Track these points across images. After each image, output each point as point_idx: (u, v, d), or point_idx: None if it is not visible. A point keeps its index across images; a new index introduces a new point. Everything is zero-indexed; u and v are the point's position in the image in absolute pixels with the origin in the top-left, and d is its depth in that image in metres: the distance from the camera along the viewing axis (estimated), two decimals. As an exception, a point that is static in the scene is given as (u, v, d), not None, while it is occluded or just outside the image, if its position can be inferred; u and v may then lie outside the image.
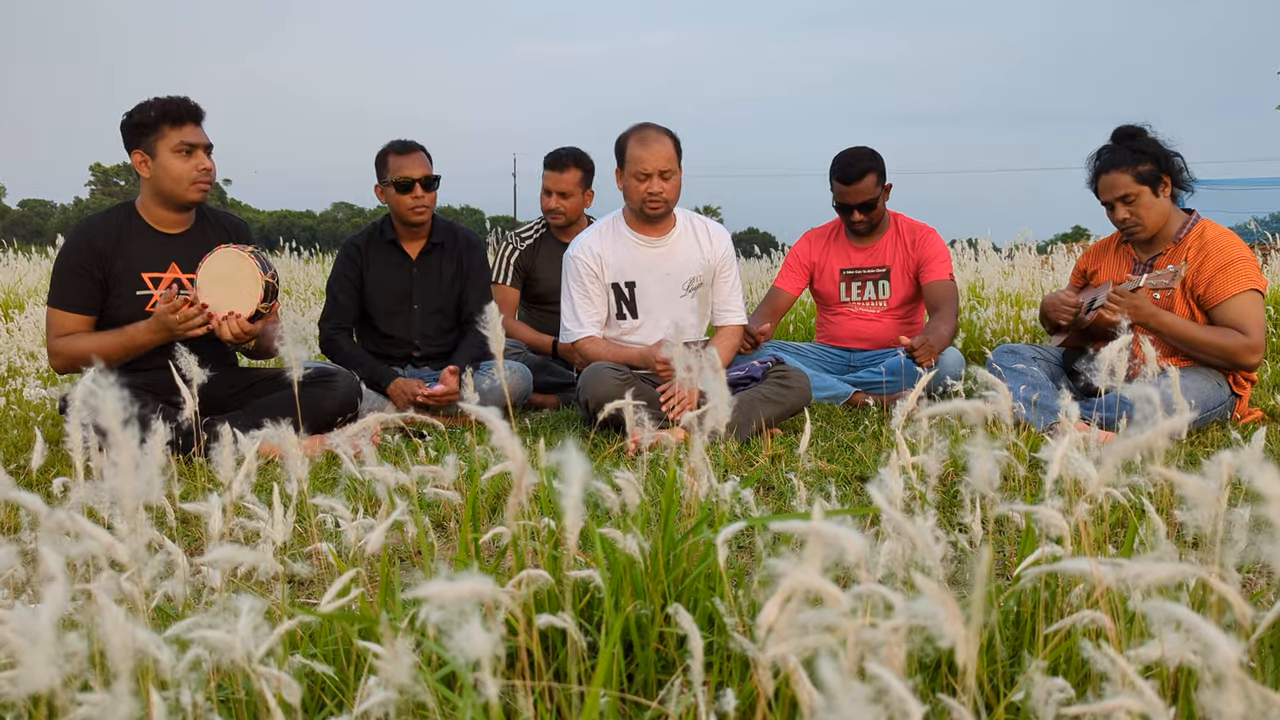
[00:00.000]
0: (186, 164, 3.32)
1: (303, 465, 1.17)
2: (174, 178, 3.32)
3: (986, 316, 5.90)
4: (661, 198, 3.70)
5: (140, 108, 3.33)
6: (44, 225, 71.78)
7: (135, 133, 3.32)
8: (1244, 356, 3.45)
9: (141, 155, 3.32)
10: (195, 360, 1.50)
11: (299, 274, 10.44)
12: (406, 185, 4.02)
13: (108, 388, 0.87)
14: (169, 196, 3.37)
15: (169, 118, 3.30)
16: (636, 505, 1.23)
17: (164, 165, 3.31)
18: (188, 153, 3.32)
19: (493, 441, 0.96)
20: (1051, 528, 0.84)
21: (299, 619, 0.95)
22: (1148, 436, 0.66)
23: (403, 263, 4.18)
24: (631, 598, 1.20)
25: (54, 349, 3.34)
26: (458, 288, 4.22)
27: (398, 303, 4.17)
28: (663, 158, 3.67)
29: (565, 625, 0.97)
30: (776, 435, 3.57)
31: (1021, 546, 1.09)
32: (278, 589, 1.25)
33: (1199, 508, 0.67)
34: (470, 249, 4.26)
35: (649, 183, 3.67)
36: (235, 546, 0.85)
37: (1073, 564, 0.69)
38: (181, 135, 3.31)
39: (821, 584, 0.65)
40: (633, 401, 1.60)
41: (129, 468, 0.75)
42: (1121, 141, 3.66)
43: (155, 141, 3.30)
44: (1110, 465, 0.68)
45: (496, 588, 0.55)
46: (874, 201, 4.36)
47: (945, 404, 0.90)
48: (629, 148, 3.71)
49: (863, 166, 4.31)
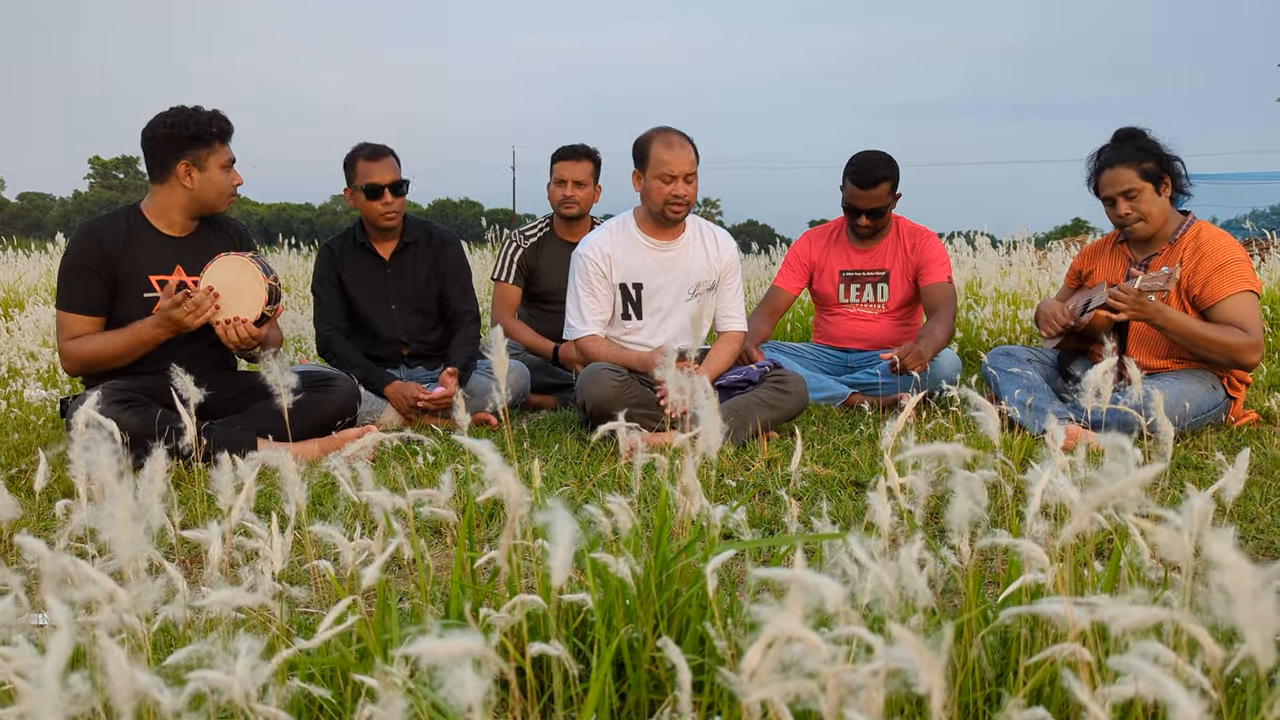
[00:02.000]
0: (227, 179, 3.44)
1: (301, 489, 1.19)
2: (218, 191, 3.43)
3: (983, 316, 5.91)
4: (684, 200, 3.74)
5: (194, 120, 3.37)
6: (43, 218, 71.73)
7: (187, 144, 3.36)
8: (1246, 354, 3.47)
9: (187, 166, 3.38)
10: (192, 380, 1.52)
11: (299, 270, 10.44)
12: (376, 191, 4.05)
13: (102, 436, 0.89)
14: (207, 207, 3.47)
15: (223, 134, 3.42)
16: (629, 529, 1.25)
17: (210, 179, 3.40)
18: (228, 168, 3.45)
19: (485, 473, 0.98)
20: (1032, 561, 0.86)
21: (297, 648, 0.97)
22: (1120, 487, 0.68)
23: (376, 265, 4.20)
24: (624, 620, 1.22)
25: (65, 352, 3.36)
26: (435, 287, 4.23)
27: (376, 304, 4.19)
28: (688, 161, 3.73)
29: (557, 653, 0.99)
30: (773, 439, 3.59)
31: (1006, 573, 1.11)
32: (278, 606, 1.27)
33: (1172, 554, 0.69)
34: (444, 247, 4.27)
35: (674, 185, 3.71)
36: (232, 588, 0.86)
37: (1049, 606, 0.72)
38: (227, 152, 3.44)
39: (802, 632, 0.67)
40: (630, 409, 1.60)
41: (126, 520, 0.77)
42: (1124, 141, 3.69)
43: (206, 155, 3.38)
44: (1083, 515, 0.70)
45: (485, 646, 0.57)
46: (884, 209, 4.39)
47: (927, 447, 0.92)
48: (653, 150, 3.74)
49: (879, 174, 4.33)
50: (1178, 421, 3.44)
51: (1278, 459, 3.10)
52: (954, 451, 0.85)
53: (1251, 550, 2.32)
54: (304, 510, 1.24)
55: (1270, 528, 2.45)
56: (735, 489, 2.88)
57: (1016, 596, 0.97)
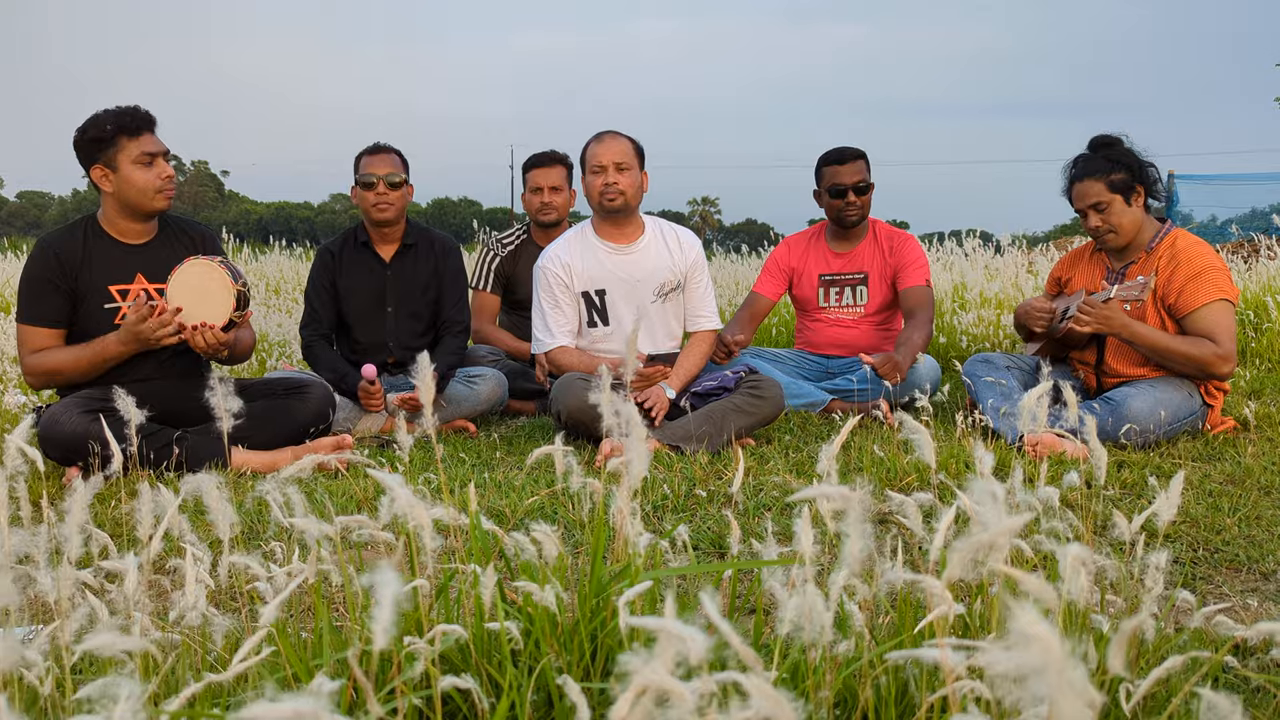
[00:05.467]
0: (149, 173, 3.31)
1: (230, 517, 1.19)
2: (139, 189, 3.30)
3: (967, 321, 5.90)
4: (617, 188, 3.75)
5: (94, 122, 3.29)
6: (42, 217, 71.70)
7: (92, 148, 3.29)
8: (1216, 366, 3.47)
9: (101, 170, 3.30)
10: (134, 401, 1.51)
11: (288, 271, 10.43)
12: (369, 183, 4.08)
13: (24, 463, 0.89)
14: (135, 207, 3.35)
15: (125, 130, 3.27)
16: (555, 558, 1.25)
17: (126, 177, 3.29)
18: (149, 162, 3.30)
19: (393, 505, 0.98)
20: (935, 598, 0.86)
21: (207, 680, 0.97)
22: (990, 536, 0.67)
23: (376, 266, 4.21)
24: (553, 649, 1.22)
25: (27, 366, 3.33)
26: (432, 293, 4.23)
27: (372, 306, 4.20)
28: (616, 151, 3.77)
29: (468, 686, 0.99)
30: (748, 445, 3.59)
31: (910, 611, 1.11)
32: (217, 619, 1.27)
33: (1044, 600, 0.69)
34: (445, 254, 4.28)
35: (604, 174, 3.75)
36: (110, 633, 0.86)
37: (926, 652, 0.72)
38: (140, 145, 3.29)
39: (669, 682, 0.67)
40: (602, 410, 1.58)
41: None
42: (1098, 150, 3.68)
43: (114, 155, 3.27)
44: (957, 565, 0.70)
45: (318, 706, 0.57)
46: (866, 186, 4.48)
47: (817, 488, 0.92)
48: (586, 149, 3.84)
49: (853, 151, 4.49)
50: (1154, 429, 3.44)
51: (1250, 468, 3.09)
52: (840, 495, 0.85)
53: (1216, 563, 2.32)
54: (236, 534, 1.23)
55: (1235, 540, 2.45)
56: (706, 499, 2.88)
57: (929, 631, 0.96)
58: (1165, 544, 2.44)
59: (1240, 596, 2.11)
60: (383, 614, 0.69)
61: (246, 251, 12.21)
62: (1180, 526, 2.57)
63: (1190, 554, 2.37)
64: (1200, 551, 2.39)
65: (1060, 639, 0.52)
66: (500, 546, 1.33)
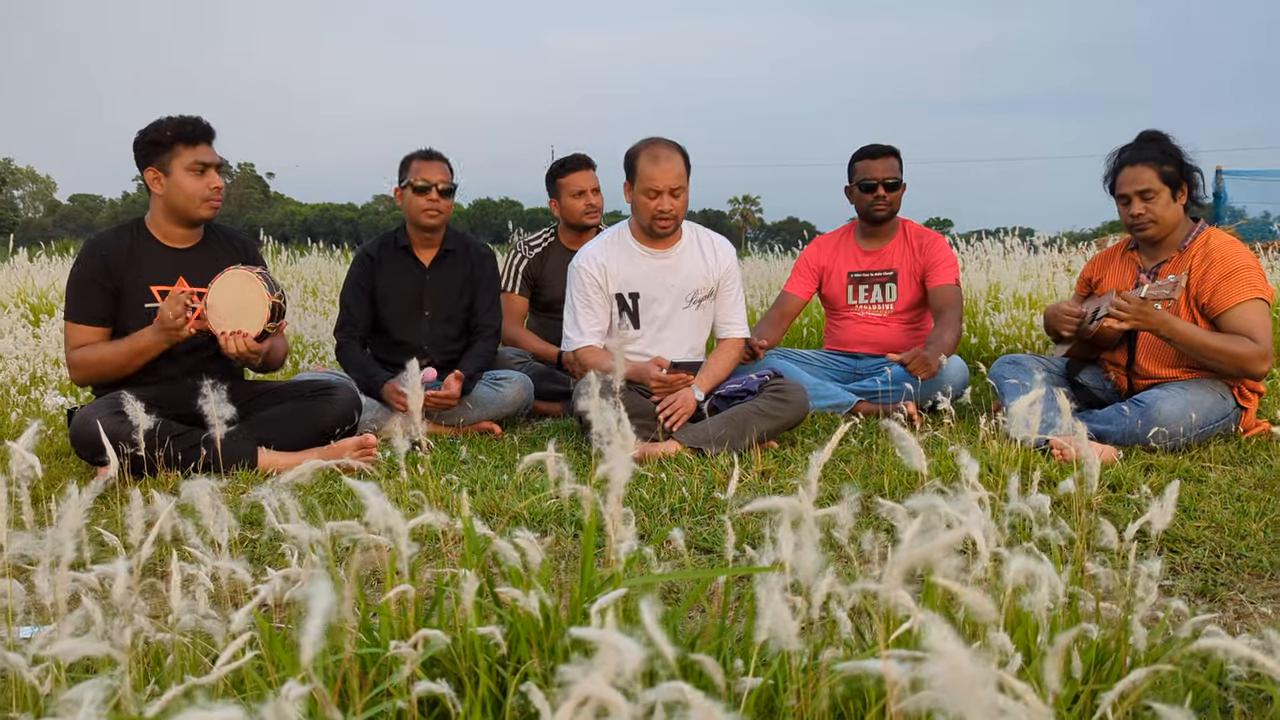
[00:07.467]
0: (199, 182, 3.43)
1: (224, 519, 1.21)
2: (186, 194, 3.42)
3: (999, 323, 5.83)
4: (671, 215, 3.74)
5: (155, 126, 3.43)
6: (93, 219, 73.26)
7: (149, 150, 3.42)
8: (1254, 364, 3.40)
9: (155, 173, 3.43)
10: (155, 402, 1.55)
11: (326, 273, 10.56)
12: (424, 188, 4.13)
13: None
14: (181, 213, 3.47)
15: (183, 137, 3.40)
16: (539, 564, 1.26)
17: (177, 182, 3.41)
18: (200, 171, 3.42)
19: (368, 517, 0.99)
20: (902, 607, 0.86)
21: (188, 683, 0.99)
22: (927, 550, 0.67)
23: (415, 269, 4.25)
24: (538, 654, 1.23)
25: (71, 361, 3.45)
26: (468, 297, 4.28)
27: (409, 309, 4.24)
28: (673, 175, 3.70)
29: (442, 691, 1.00)
30: (770, 449, 3.58)
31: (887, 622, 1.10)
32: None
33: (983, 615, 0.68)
34: (482, 259, 4.33)
35: (659, 200, 3.71)
36: (78, 638, 0.88)
37: (870, 664, 0.71)
38: (195, 154, 3.41)
39: (607, 694, 0.68)
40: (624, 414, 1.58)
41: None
42: (1148, 142, 3.64)
43: (169, 160, 3.40)
44: (896, 577, 0.70)
45: (239, 717, 0.58)
46: (897, 183, 4.48)
47: (763, 500, 0.92)
48: (640, 164, 3.74)
49: (885, 148, 4.51)
50: (1184, 432, 3.39)
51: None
52: (788, 506, 0.85)
53: (1239, 569, 2.28)
54: (239, 538, 1.26)
55: (1260, 546, 2.40)
56: (724, 503, 2.88)
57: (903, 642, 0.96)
58: (1186, 549, 2.40)
59: (1258, 603, 2.07)
60: (313, 625, 0.70)
61: (285, 254, 12.34)
62: (1204, 531, 2.52)
63: (1212, 559, 2.33)
64: (1223, 557, 2.34)
65: (975, 654, 0.52)
66: (494, 552, 1.34)
